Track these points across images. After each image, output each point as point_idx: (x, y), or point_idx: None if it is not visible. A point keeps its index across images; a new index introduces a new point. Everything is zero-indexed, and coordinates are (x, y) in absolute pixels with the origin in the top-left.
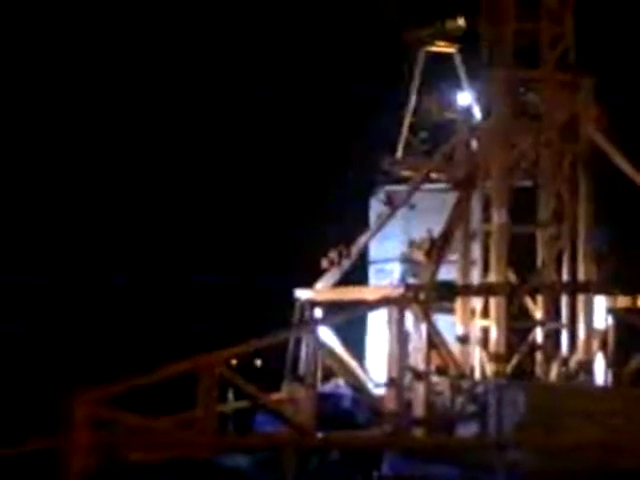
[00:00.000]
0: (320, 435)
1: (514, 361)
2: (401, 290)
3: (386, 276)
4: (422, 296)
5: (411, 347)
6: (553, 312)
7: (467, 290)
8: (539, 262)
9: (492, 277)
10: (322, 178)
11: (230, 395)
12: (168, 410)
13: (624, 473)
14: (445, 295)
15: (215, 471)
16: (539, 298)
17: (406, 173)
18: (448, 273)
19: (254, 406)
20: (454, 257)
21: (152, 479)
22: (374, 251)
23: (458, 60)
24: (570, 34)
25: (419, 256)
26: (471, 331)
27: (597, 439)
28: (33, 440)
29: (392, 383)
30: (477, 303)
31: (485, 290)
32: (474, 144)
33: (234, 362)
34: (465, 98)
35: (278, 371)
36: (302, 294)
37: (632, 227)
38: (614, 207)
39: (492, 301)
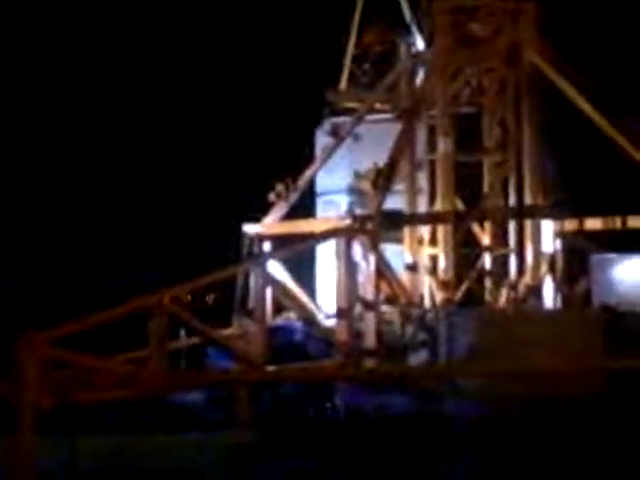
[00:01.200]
0: (272, 369)
1: (463, 288)
2: (348, 221)
3: (334, 208)
4: (369, 226)
5: (360, 278)
6: (501, 238)
7: (414, 219)
8: (485, 189)
9: (439, 205)
10: (267, 112)
11: (182, 332)
12: (120, 350)
13: (572, 398)
14: (392, 224)
15: (168, 408)
16: (487, 225)
17: (351, 104)
18: (395, 203)
19: (205, 342)
20: (401, 187)
21: (105, 418)
22: (321, 183)
23: None
24: None
25: (365, 187)
26: (419, 260)
27: (547, 365)
28: None
29: (342, 314)
30: (425, 231)
31: (432, 218)
32: (417, 74)
33: (188, 298)
34: (408, 28)
35: (231, 306)
36: (250, 229)
37: (578, 151)
38: (559, 132)
39: (440, 229)
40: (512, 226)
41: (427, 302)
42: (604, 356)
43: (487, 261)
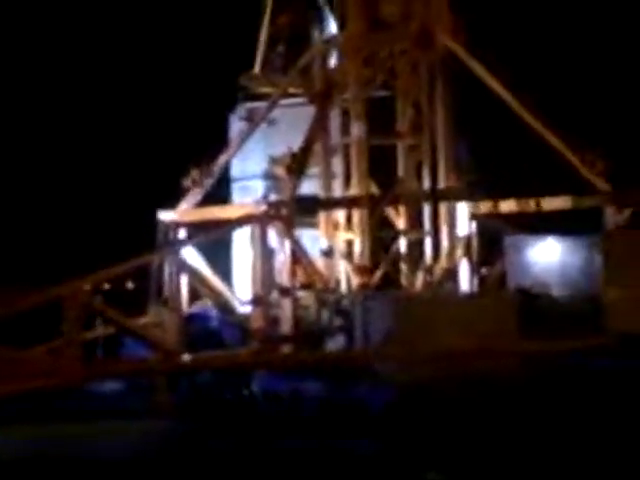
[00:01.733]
0: (188, 357)
1: (379, 272)
2: (263, 207)
3: (249, 194)
4: (284, 212)
5: (276, 264)
6: (416, 221)
7: (329, 203)
8: (400, 172)
9: (354, 190)
10: (180, 97)
11: (98, 321)
12: (36, 341)
13: (486, 379)
14: (307, 209)
15: (86, 397)
16: (401, 208)
17: (265, 89)
18: (310, 187)
19: (120, 332)
20: (315, 171)
21: (21, 410)
22: (236, 169)
23: None
24: None
25: (280, 172)
26: (335, 244)
27: (461, 347)
28: None
29: (258, 301)
30: (340, 216)
31: (347, 203)
32: (330, 57)
33: (106, 286)
34: (321, 11)
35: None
36: (165, 216)
37: (491, 134)
38: (473, 115)
39: (355, 214)
40: (427, 209)
41: (343, 287)
42: (518, 338)
43: (402, 245)
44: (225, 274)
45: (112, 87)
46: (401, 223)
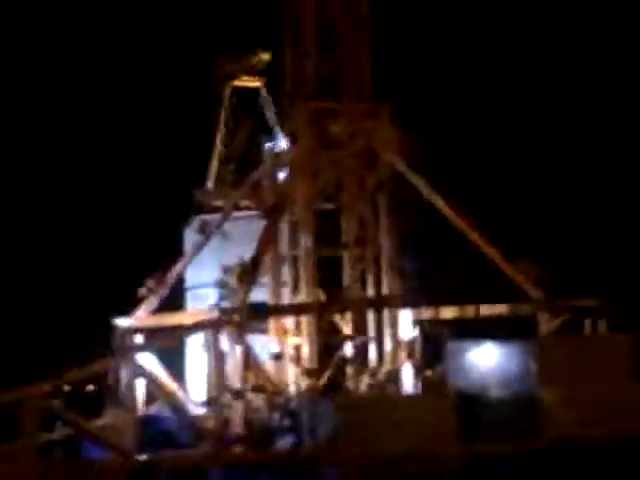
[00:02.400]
0: (143, 457)
1: (326, 375)
2: (216, 313)
3: (203, 301)
4: (236, 318)
5: (228, 367)
6: (361, 327)
7: (278, 310)
8: (346, 281)
9: (302, 297)
10: (137, 210)
11: (58, 423)
12: None
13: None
14: (258, 316)
15: None
16: (347, 315)
17: (217, 203)
18: (261, 295)
19: (78, 433)
20: (265, 279)
21: None
22: (190, 278)
23: (264, 93)
24: (367, 66)
25: (232, 281)
26: (285, 349)
27: (404, 448)
28: None
29: (211, 403)
30: (289, 322)
31: (296, 309)
32: (280, 173)
33: (66, 388)
34: (272, 130)
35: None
36: (121, 322)
37: (433, 246)
38: (416, 227)
39: (303, 319)
40: (371, 315)
41: (292, 389)
42: (458, 440)
43: (348, 349)
44: (179, 377)
45: (75, 202)
46: (347, 329)
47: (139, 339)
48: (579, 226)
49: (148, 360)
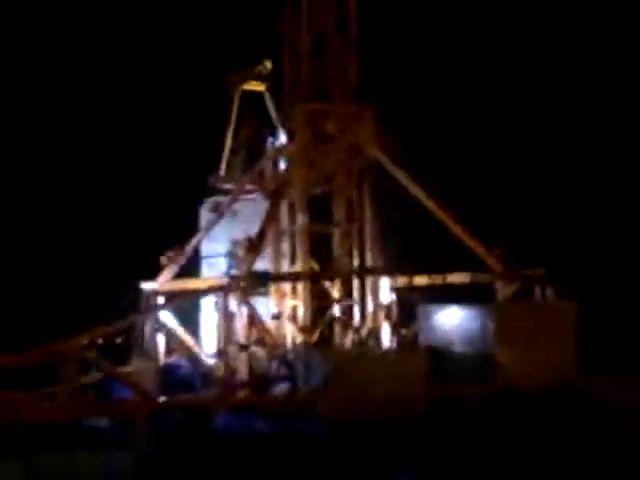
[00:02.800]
0: (163, 399)
1: (318, 332)
2: (226, 280)
3: (215, 269)
4: (242, 284)
5: (235, 325)
6: (347, 292)
7: (278, 277)
8: (335, 253)
9: (298, 266)
10: (160, 193)
11: (93, 369)
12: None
13: (402, 420)
14: (261, 282)
15: (79, 431)
16: (336, 282)
17: (228, 186)
18: (263, 264)
19: (108, 378)
20: (268, 251)
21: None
22: (205, 249)
23: (267, 96)
24: (353, 75)
25: (240, 252)
26: (283, 309)
27: (382, 392)
28: None
29: (220, 354)
30: (287, 287)
31: (292, 277)
32: (281, 163)
33: (99, 341)
34: (274, 126)
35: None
36: (147, 286)
37: (409, 223)
38: (397, 212)
39: (299, 285)
40: (356, 283)
41: (289, 343)
42: (427, 385)
43: (336, 311)
44: (194, 332)
45: (108, 181)
46: (335, 293)
47: (161, 300)
48: (538, 207)
49: (168, 318)
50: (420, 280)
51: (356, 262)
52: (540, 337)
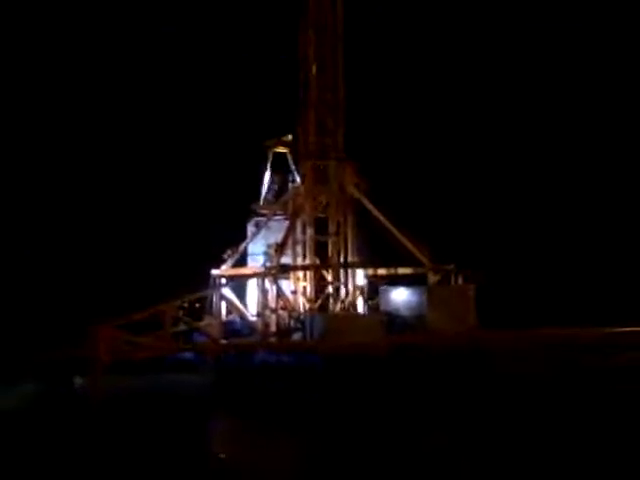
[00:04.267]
0: (224, 342)
1: (319, 302)
2: (263, 269)
3: (256, 262)
4: (273, 272)
5: (269, 297)
6: (337, 277)
7: (295, 268)
8: (329, 253)
9: (307, 261)
10: (219, 216)
11: (181, 323)
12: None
13: (369, 357)
14: (284, 271)
15: (175, 361)
16: (330, 271)
17: (264, 211)
18: (286, 260)
19: (190, 329)
20: (289, 252)
21: (143, 369)
22: (250, 249)
23: (289, 156)
24: (341, 143)
25: (271, 252)
26: (298, 288)
27: (357, 340)
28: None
29: (259, 315)
30: (300, 274)
31: (304, 268)
32: (297, 196)
33: (185, 305)
34: (293, 173)
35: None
36: (215, 271)
37: (375, 236)
38: (368, 228)
39: (307, 273)
40: (342, 272)
41: (301, 309)
42: (385, 336)
43: (330, 289)
44: (244, 301)
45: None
46: (329, 278)
47: (223, 281)
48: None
49: (228, 292)
50: (381, 271)
51: (342, 259)
52: (453, 306)
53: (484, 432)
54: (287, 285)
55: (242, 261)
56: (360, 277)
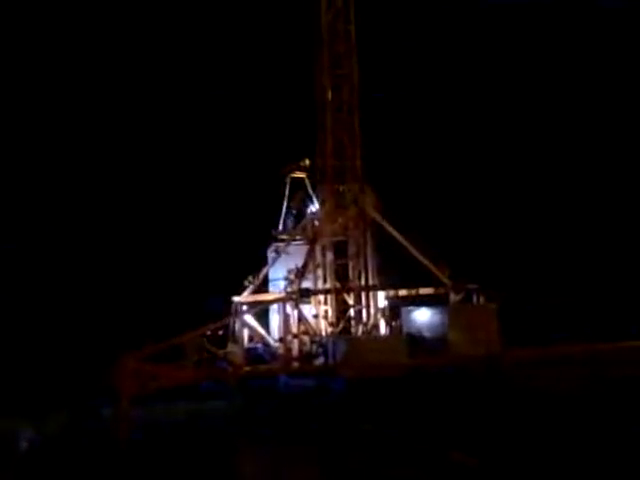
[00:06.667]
0: (247, 368)
1: (341, 326)
2: (284, 294)
3: (277, 287)
4: (294, 296)
5: (291, 322)
6: (358, 300)
7: (316, 292)
8: (350, 276)
9: (328, 285)
10: (245, 240)
11: (205, 351)
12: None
13: (391, 379)
14: (305, 295)
15: (197, 391)
16: (351, 294)
17: (284, 236)
18: (307, 284)
19: (214, 357)
20: (309, 276)
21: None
22: (271, 275)
23: (306, 181)
24: (359, 167)
25: (292, 277)
26: (319, 312)
27: (381, 362)
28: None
29: (281, 340)
30: (321, 298)
31: (324, 291)
32: (316, 222)
33: (209, 333)
34: (311, 199)
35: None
36: (236, 298)
37: (396, 257)
38: (387, 249)
39: (329, 296)
40: (363, 294)
41: (323, 333)
42: (407, 357)
43: (352, 312)
44: (266, 327)
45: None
46: (351, 301)
47: (244, 307)
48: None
49: (249, 318)
50: (402, 292)
51: (363, 282)
52: (476, 326)
53: (514, 451)
54: (309, 309)
55: (263, 287)
56: (381, 299)
